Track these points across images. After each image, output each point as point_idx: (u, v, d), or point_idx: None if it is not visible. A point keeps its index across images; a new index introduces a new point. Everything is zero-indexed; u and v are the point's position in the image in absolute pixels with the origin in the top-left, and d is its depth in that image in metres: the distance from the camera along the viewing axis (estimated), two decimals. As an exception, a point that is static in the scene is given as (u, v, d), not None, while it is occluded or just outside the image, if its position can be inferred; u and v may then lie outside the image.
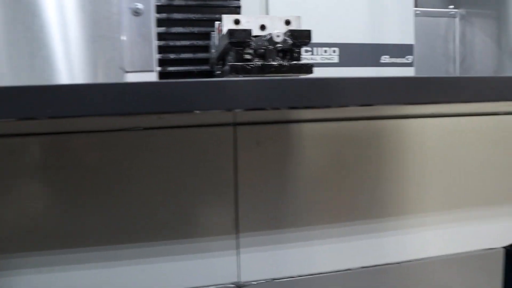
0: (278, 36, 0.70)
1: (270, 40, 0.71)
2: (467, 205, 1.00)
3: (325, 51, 1.29)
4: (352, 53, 1.31)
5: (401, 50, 1.38)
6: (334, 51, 1.29)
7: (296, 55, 0.77)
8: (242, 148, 0.81)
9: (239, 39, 0.72)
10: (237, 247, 0.87)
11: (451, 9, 1.62)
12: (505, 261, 1.04)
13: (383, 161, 0.95)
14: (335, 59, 1.28)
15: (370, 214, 0.94)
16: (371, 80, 0.59)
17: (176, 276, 0.85)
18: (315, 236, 0.90)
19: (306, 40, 0.77)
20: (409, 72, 1.35)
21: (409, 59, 1.37)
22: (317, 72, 1.13)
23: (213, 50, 1.00)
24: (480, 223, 1.00)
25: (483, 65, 1.54)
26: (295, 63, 0.75)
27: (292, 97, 0.53)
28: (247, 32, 0.73)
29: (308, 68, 0.76)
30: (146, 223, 0.84)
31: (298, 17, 0.83)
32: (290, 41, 0.75)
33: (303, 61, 0.77)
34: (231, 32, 0.73)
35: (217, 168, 0.82)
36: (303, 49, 1.22)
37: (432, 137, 0.99)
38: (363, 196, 0.94)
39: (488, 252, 1.00)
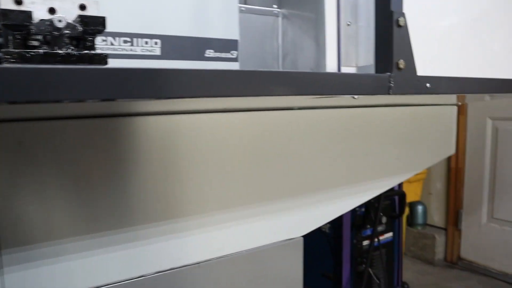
0: (60, 21, 0.63)
1: (52, 25, 0.63)
2: (264, 199, 1.04)
3: (146, 43, 1.23)
4: (175, 46, 1.27)
5: (225, 45, 1.37)
6: (156, 43, 1.23)
7: (90, 44, 0.70)
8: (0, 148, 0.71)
9: (15, 22, 0.63)
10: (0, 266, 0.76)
11: (274, 8, 1.69)
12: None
13: (166, 161, 0.93)
14: (157, 52, 1.23)
15: (159, 217, 0.91)
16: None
17: None
18: (96, 245, 0.85)
19: (100, 28, 0.70)
20: (233, 67, 1.35)
21: (234, 54, 1.37)
22: (138, 65, 1.07)
23: (2, 35, 0.88)
24: (278, 216, 1.05)
25: (303, 63, 1.63)
26: (85, 53, 0.68)
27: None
28: (26, 14, 0.64)
29: (102, 58, 0.70)
30: None
31: (96, 2, 0.76)
32: (80, 28, 0.68)
33: (96, 51, 0.70)
34: (4, 13, 0.63)
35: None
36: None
37: (218, 133, 1.00)
38: (145, 198, 0.91)
39: (288, 243, 1.05)
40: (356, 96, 0.75)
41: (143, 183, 0.93)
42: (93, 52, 0.70)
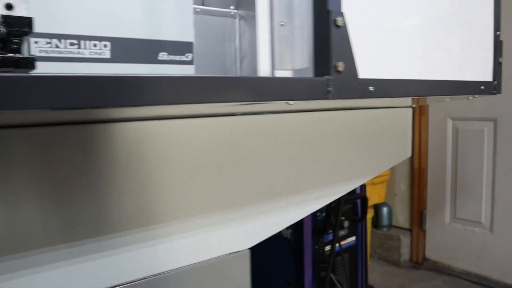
0: (-23, 21, 0.59)
1: (-32, 26, 0.59)
2: (208, 211, 1.00)
3: (95, 45, 1.18)
4: (126, 49, 1.23)
5: (180, 47, 1.34)
6: (105, 46, 1.19)
7: (16, 46, 0.66)
8: None
9: None
10: None
11: (231, 9, 1.66)
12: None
13: (110, 169, 0.89)
14: (107, 55, 1.18)
15: (96, 232, 0.87)
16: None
17: None
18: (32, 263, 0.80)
19: (26, 29, 0.66)
20: (188, 70, 1.32)
21: (188, 56, 1.34)
22: (87, 69, 1.02)
23: None
24: (223, 228, 1.00)
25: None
26: (10, 56, 0.64)
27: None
28: None
29: (28, 62, 0.66)
30: None
31: (25, 2, 0.71)
32: (3, 29, 0.64)
33: (22, 55, 0.66)
34: None
35: None
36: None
37: (152, 142, 0.96)
38: (90, 211, 0.87)
39: (234, 256, 1.01)
40: (291, 102, 0.72)
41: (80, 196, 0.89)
42: (19, 55, 0.66)
